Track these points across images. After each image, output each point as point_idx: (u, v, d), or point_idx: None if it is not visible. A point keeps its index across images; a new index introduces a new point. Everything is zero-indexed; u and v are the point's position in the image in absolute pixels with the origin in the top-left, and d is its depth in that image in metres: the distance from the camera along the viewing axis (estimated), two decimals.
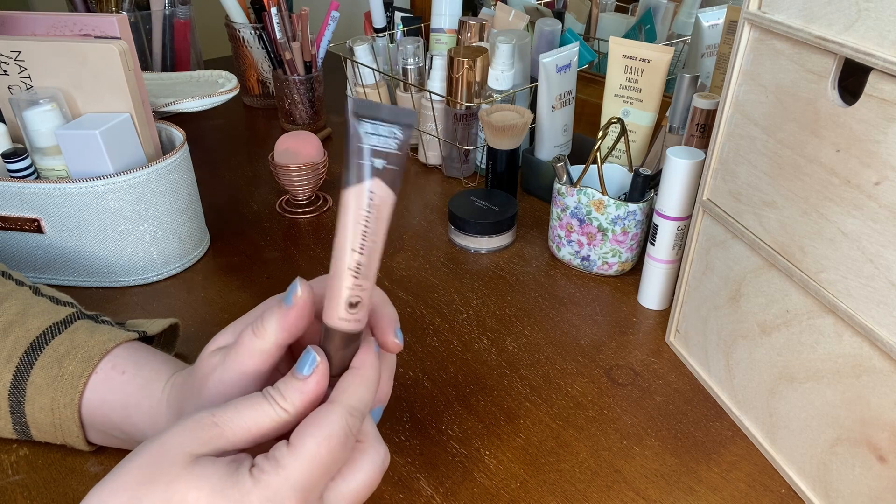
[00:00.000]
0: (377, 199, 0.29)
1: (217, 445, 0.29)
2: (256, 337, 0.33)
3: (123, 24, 0.57)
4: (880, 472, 0.37)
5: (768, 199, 0.42)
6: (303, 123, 0.93)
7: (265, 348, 0.33)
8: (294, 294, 0.33)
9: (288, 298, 0.33)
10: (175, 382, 0.39)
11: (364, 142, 0.29)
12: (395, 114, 0.29)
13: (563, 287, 0.63)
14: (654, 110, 0.68)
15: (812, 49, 0.37)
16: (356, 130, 0.29)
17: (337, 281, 0.30)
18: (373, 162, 0.29)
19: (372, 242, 0.30)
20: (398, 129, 0.29)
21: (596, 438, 0.47)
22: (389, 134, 0.29)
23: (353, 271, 0.30)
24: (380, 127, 0.29)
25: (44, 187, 0.55)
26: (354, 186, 0.29)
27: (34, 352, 0.41)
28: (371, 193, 0.29)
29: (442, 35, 0.87)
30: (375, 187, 0.29)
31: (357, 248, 0.30)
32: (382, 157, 0.29)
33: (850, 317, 0.37)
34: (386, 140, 0.29)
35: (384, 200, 0.29)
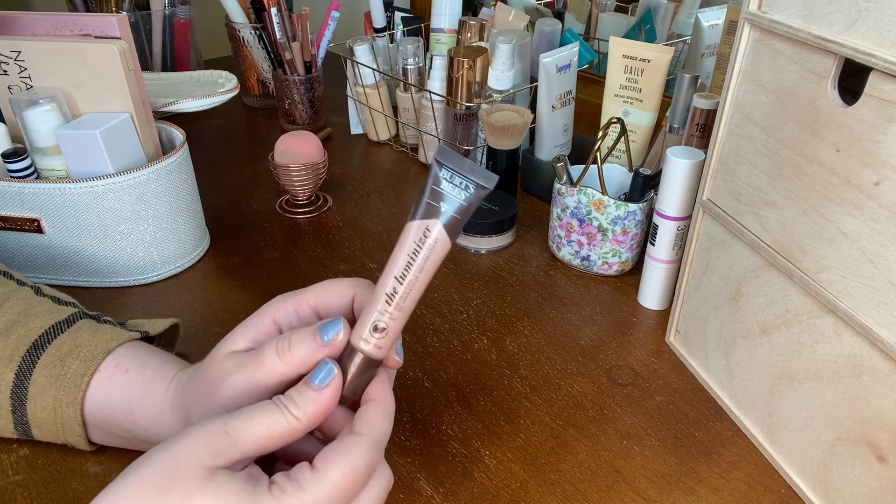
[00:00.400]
0: (432, 238, 0.31)
1: (230, 456, 0.30)
2: (281, 361, 0.33)
3: (123, 24, 0.57)
4: (880, 472, 0.37)
5: (768, 199, 0.42)
6: (303, 123, 0.93)
7: (286, 373, 0.33)
8: (335, 334, 0.32)
9: (327, 336, 0.32)
10: (179, 381, 0.39)
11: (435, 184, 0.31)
12: (475, 172, 0.31)
13: (563, 287, 0.63)
14: (654, 110, 0.68)
15: (812, 49, 0.37)
16: (434, 172, 0.31)
17: (372, 303, 0.32)
18: (437, 204, 0.31)
19: (414, 277, 0.31)
20: (473, 185, 0.31)
21: (596, 438, 0.47)
22: (463, 187, 0.31)
23: (387, 297, 0.31)
24: (455, 177, 0.31)
25: (44, 187, 0.55)
26: (416, 221, 0.31)
27: (36, 351, 0.41)
28: (427, 231, 0.31)
29: (442, 35, 0.87)
30: (433, 227, 0.31)
31: (398, 276, 0.31)
32: (447, 202, 0.31)
33: (850, 317, 0.37)
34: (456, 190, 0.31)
35: (438, 242, 0.31)
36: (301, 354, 0.32)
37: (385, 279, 0.32)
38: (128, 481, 0.28)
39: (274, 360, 0.33)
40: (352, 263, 0.66)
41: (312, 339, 0.32)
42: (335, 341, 0.32)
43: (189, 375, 0.39)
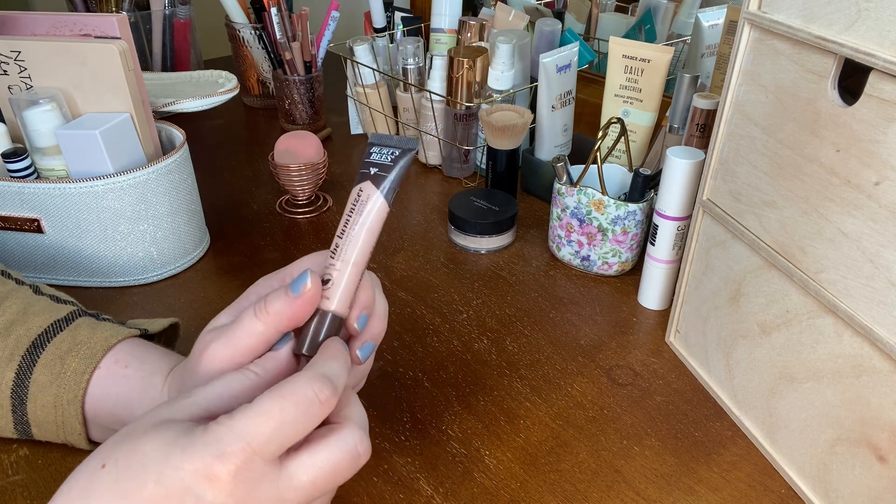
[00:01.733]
0: (363, 195, 0.35)
1: (188, 411, 0.30)
2: (258, 319, 0.33)
3: (123, 24, 0.57)
4: (880, 472, 0.37)
5: (768, 199, 0.42)
6: (303, 123, 0.93)
7: (263, 331, 0.33)
8: (304, 285, 0.33)
9: (297, 288, 0.33)
10: (176, 374, 0.40)
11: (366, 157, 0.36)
12: (400, 141, 0.36)
13: (563, 287, 0.63)
14: (654, 110, 0.68)
15: (812, 49, 0.37)
16: (366, 151, 0.36)
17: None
18: (368, 170, 0.35)
19: (350, 230, 0.34)
20: (398, 150, 0.36)
21: (596, 438, 0.47)
22: (388, 152, 0.36)
23: (331, 252, 0.35)
24: (383, 149, 0.36)
25: (44, 187, 0.55)
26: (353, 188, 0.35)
27: (36, 350, 0.41)
28: (360, 192, 0.35)
29: (442, 35, 0.87)
30: (364, 186, 0.35)
31: (338, 233, 0.35)
32: (376, 166, 0.36)
33: (850, 317, 0.37)
34: (383, 156, 0.36)
35: (370, 197, 0.35)
36: (276, 309, 0.33)
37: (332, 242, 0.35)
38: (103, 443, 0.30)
39: (251, 320, 0.33)
40: None
41: (284, 293, 0.33)
42: (305, 291, 0.33)
43: (182, 366, 0.39)
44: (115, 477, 0.27)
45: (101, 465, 0.28)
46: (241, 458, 0.27)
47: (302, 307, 0.33)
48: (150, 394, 0.39)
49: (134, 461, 0.28)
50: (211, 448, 0.27)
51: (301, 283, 0.33)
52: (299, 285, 0.33)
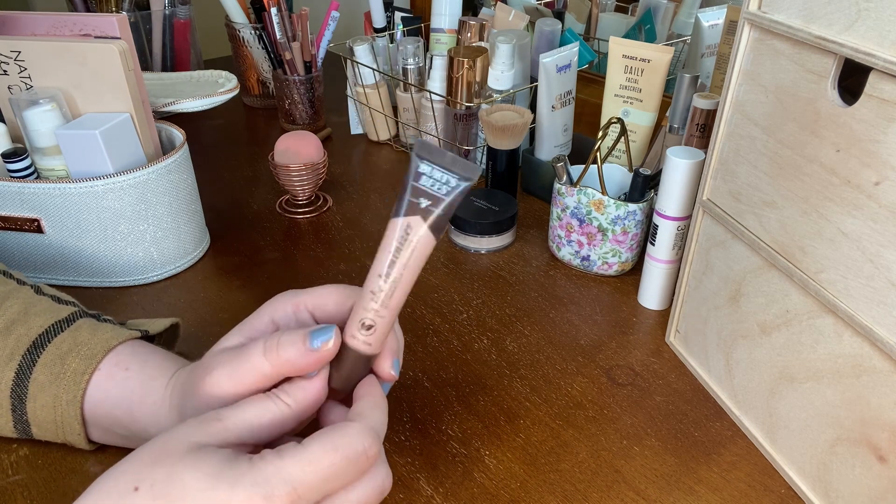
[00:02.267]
0: (412, 235, 0.30)
1: (221, 437, 0.30)
2: (266, 360, 0.33)
3: (123, 24, 0.57)
4: (880, 472, 0.37)
5: (768, 199, 0.42)
6: (303, 123, 0.93)
7: (269, 373, 0.33)
8: (324, 342, 0.32)
9: (317, 343, 0.32)
10: (178, 379, 0.39)
11: (415, 180, 0.31)
12: (455, 164, 0.30)
13: (563, 287, 0.63)
14: (654, 110, 0.68)
15: (812, 49, 0.37)
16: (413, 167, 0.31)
17: (360, 300, 0.32)
18: (418, 201, 0.30)
19: (398, 275, 0.31)
20: (454, 178, 0.30)
21: (596, 438, 0.47)
22: (443, 180, 0.30)
23: (373, 295, 0.31)
24: (436, 171, 0.30)
25: (44, 187, 0.55)
26: (399, 218, 0.31)
27: (36, 350, 0.41)
28: (408, 228, 0.30)
29: (442, 35, 0.87)
30: (413, 224, 0.30)
31: (382, 274, 0.31)
32: (428, 198, 0.30)
33: (850, 317, 0.37)
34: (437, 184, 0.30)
35: (421, 240, 0.30)
36: (288, 356, 0.32)
37: (371, 277, 0.32)
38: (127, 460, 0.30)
39: (259, 359, 0.33)
40: (352, 263, 0.66)
41: (301, 342, 0.32)
42: (324, 349, 0.32)
43: (187, 373, 0.39)
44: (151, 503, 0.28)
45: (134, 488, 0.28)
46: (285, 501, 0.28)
47: (316, 363, 0.33)
48: (150, 397, 0.39)
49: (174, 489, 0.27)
50: (259, 488, 0.27)
51: (323, 339, 0.32)
52: (320, 341, 0.32)
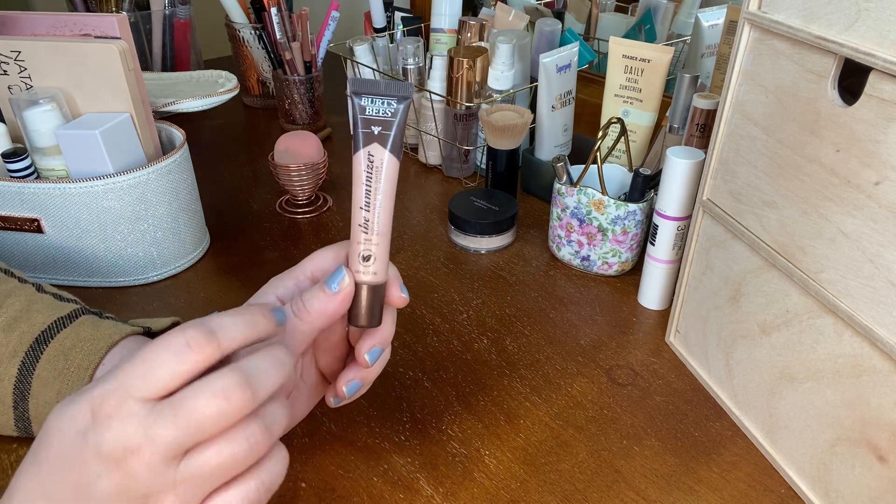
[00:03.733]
0: (376, 160, 0.33)
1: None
2: (300, 319, 0.34)
3: (123, 24, 0.57)
4: (880, 472, 0.37)
5: (768, 199, 0.42)
6: (303, 123, 0.93)
7: (308, 331, 0.35)
8: (340, 281, 0.34)
9: (334, 285, 0.34)
10: None
11: (361, 113, 0.33)
12: (390, 88, 0.34)
13: (563, 287, 0.63)
14: (654, 110, 0.68)
15: (812, 49, 0.37)
16: (355, 104, 0.34)
17: (352, 238, 0.35)
18: (371, 129, 0.33)
19: (378, 202, 0.34)
20: (393, 100, 0.33)
21: (596, 438, 0.47)
22: (385, 104, 0.33)
23: (362, 227, 0.34)
24: (376, 100, 0.33)
25: (44, 187, 0.55)
26: (357, 152, 0.34)
27: (40, 346, 0.41)
28: (370, 156, 0.33)
29: (442, 35, 0.87)
30: (374, 150, 0.33)
31: (363, 206, 0.34)
32: (378, 124, 0.33)
33: (850, 317, 0.37)
34: (382, 109, 0.33)
35: (383, 161, 0.33)
36: (316, 308, 0.34)
37: (355, 212, 0.34)
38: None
39: (292, 322, 0.34)
40: None
41: (322, 291, 0.34)
42: (343, 287, 0.34)
43: None
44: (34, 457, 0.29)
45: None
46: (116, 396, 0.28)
47: (342, 303, 0.35)
48: None
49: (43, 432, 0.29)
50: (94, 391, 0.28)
51: (338, 279, 0.34)
52: (336, 282, 0.34)
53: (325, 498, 0.42)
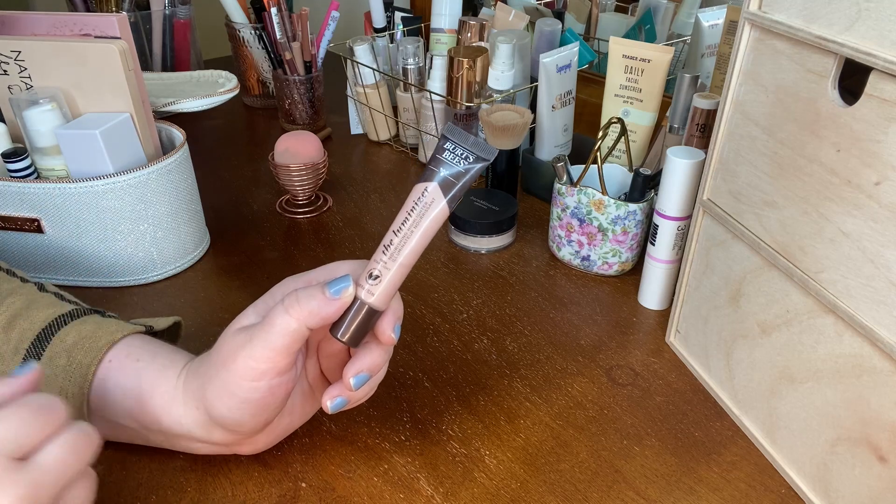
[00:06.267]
0: (428, 197, 0.34)
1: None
2: (290, 316, 0.34)
3: (123, 24, 0.57)
4: (880, 472, 0.37)
5: (768, 199, 0.42)
6: (303, 123, 0.93)
7: (297, 328, 0.35)
8: (345, 289, 0.34)
9: (337, 290, 0.34)
10: (191, 369, 0.40)
11: (438, 153, 0.35)
12: (476, 145, 0.35)
13: (563, 287, 0.63)
14: (654, 110, 0.68)
15: (812, 49, 0.37)
16: (439, 144, 0.35)
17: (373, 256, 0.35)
18: (437, 170, 0.34)
19: (409, 230, 0.34)
20: (472, 156, 0.34)
21: (596, 438, 0.47)
22: (462, 155, 0.34)
23: (384, 247, 0.35)
24: (457, 149, 0.35)
25: (44, 187, 0.55)
26: (418, 184, 0.35)
27: (41, 343, 0.41)
28: (424, 191, 0.34)
29: (442, 35, 0.87)
30: (431, 189, 0.34)
31: (395, 229, 0.35)
32: (446, 167, 0.34)
33: (850, 317, 0.37)
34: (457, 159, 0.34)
35: (434, 201, 0.34)
36: (311, 307, 0.34)
37: (387, 235, 0.35)
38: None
39: (283, 317, 0.34)
40: None
41: (321, 292, 0.34)
42: (344, 295, 0.34)
43: (200, 362, 0.40)
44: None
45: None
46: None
47: (338, 310, 0.35)
48: (163, 387, 0.40)
49: None
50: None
51: (342, 286, 0.34)
52: (340, 289, 0.34)
53: (325, 498, 0.42)
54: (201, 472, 0.43)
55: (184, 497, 0.42)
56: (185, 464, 0.43)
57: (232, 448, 0.42)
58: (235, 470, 0.43)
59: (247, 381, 0.36)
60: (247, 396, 0.36)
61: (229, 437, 0.40)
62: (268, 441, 0.43)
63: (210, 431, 0.40)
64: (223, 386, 0.36)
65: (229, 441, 0.41)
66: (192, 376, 0.39)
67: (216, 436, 0.40)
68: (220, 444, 0.41)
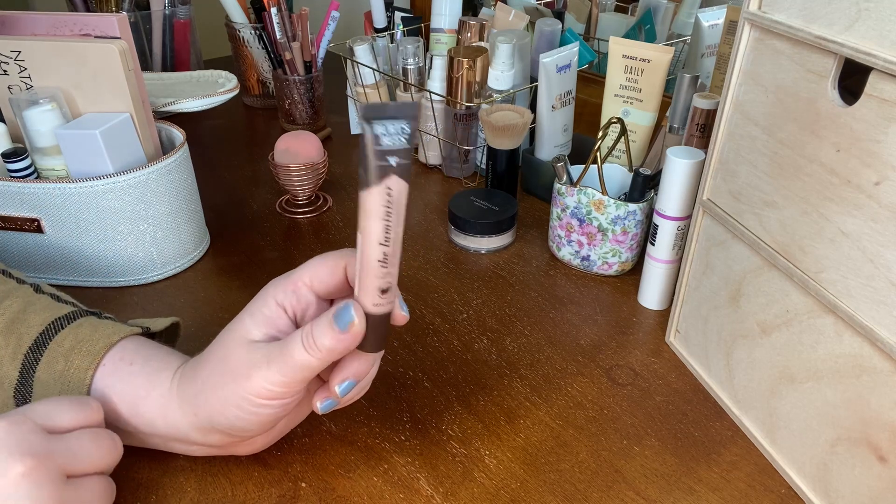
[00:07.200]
0: (395, 193, 0.32)
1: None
2: (310, 356, 0.35)
3: (123, 24, 0.57)
4: (880, 472, 0.37)
5: (768, 199, 0.42)
6: (303, 123, 0.93)
7: (318, 366, 0.35)
8: (351, 323, 0.34)
9: (343, 325, 0.34)
10: (185, 372, 0.40)
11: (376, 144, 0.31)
12: (400, 109, 0.31)
13: (563, 287, 0.63)
14: (654, 110, 0.68)
15: (812, 49, 0.37)
16: (370, 133, 0.31)
17: (369, 272, 0.34)
18: (388, 161, 0.31)
19: (395, 234, 0.33)
20: (405, 123, 0.31)
21: (596, 438, 0.47)
22: (398, 131, 0.31)
23: (382, 262, 0.33)
24: (388, 125, 0.31)
25: (44, 187, 0.55)
26: (375, 187, 0.31)
27: (39, 348, 0.41)
28: (389, 190, 0.31)
29: (442, 35, 0.87)
30: (392, 183, 0.31)
31: (383, 242, 0.33)
32: (395, 154, 0.31)
33: (850, 317, 0.37)
34: (396, 138, 0.31)
35: (401, 193, 0.32)
36: (327, 346, 0.35)
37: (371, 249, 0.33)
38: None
39: (302, 354, 0.35)
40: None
41: (331, 329, 0.34)
42: (353, 329, 0.34)
43: (194, 366, 0.39)
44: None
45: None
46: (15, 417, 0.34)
47: (351, 342, 0.35)
48: (157, 391, 0.39)
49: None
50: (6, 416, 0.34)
51: (347, 320, 0.34)
52: (345, 322, 0.34)
53: (325, 498, 0.42)
54: (201, 472, 0.43)
55: (184, 497, 0.42)
56: (185, 464, 0.43)
57: (229, 450, 0.42)
58: (235, 470, 0.43)
59: (260, 399, 0.36)
60: (257, 411, 0.37)
61: (226, 440, 0.40)
62: (265, 442, 0.43)
63: (206, 435, 0.39)
64: (231, 399, 0.36)
65: (226, 443, 0.41)
66: (186, 381, 0.39)
67: (213, 439, 0.40)
68: (217, 446, 0.41)
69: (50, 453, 0.34)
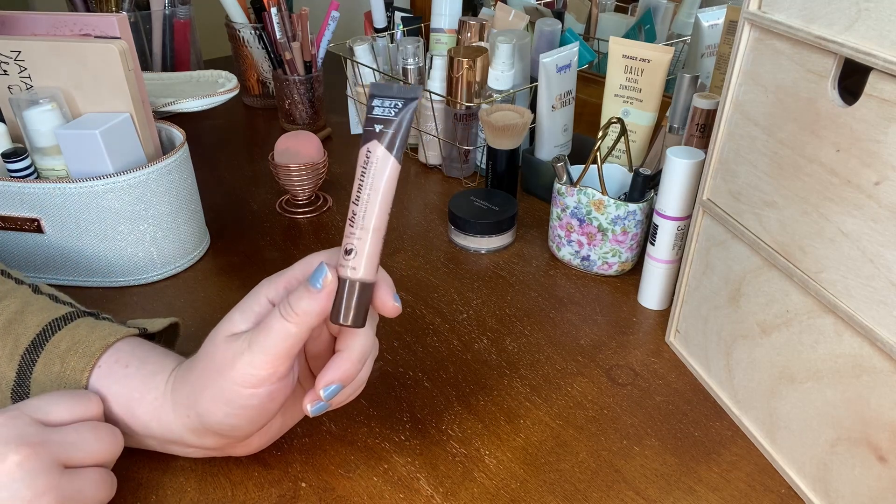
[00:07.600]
0: (373, 157, 0.34)
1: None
2: (289, 321, 0.34)
3: (123, 24, 0.57)
4: (880, 472, 0.37)
5: (768, 199, 0.42)
6: (303, 123, 0.93)
7: (297, 332, 0.35)
8: (324, 277, 0.34)
9: (317, 282, 0.34)
10: (178, 375, 0.40)
11: (369, 112, 0.34)
12: (402, 91, 0.35)
13: (563, 287, 0.63)
14: (654, 110, 0.68)
15: (812, 49, 0.37)
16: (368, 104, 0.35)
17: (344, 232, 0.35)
18: (373, 128, 0.34)
19: (366, 196, 0.34)
20: (400, 101, 0.34)
21: (596, 438, 0.47)
22: (391, 105, 0.34)
23: (349, 221, 0.34)
24: (385, 101, 0.34)
25: (44, 187, 0.55)
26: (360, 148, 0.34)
27: (35, 349, 0.41)
28: (368, 152, 0.34)
29: (442, 35, 0.87)
30: (371, 147, 0.34)
31: (353, 200, 0.34)
32: (380, 122, 0.34)
33: (850, 317, 0.37)
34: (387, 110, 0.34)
35: (380, 159, 0.34)
36: (303, 308, 0.34)
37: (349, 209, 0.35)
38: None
39: (281, 323, 0.35)
40: None
41: (306, 290, 0.34)
42: (326, 283, 0.34)
43: (187, 368, 0.39)
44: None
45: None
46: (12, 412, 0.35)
47: (327, 300, 0.35)
48: (151, 394, 0.39)
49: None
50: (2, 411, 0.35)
51: (320, 275, 0.34)
52: (319, 278, 0.34)
53: (325, 498, 0.42)
54: (201, 472, 0.43)
55: (184, 497, 0.42)
56: (185, 464, 0.43)
57: (225, 451, 0.42)
58: (235, 470, 0.43)
59: (246, 389, 0.36)
60: (245, 403, 0.36)
61: (221, 442, 0.40)
62: (261, 443, 0.43)
63: (202, 437, 0.39)
64: (219, 394, 0.36)
65: (222, 445, 0.41)
66: (179, 383, 0.39)
67: (208, 441, 0.40)
68: (212, 448, 0.41)
69: (45, 443, 0.34)
